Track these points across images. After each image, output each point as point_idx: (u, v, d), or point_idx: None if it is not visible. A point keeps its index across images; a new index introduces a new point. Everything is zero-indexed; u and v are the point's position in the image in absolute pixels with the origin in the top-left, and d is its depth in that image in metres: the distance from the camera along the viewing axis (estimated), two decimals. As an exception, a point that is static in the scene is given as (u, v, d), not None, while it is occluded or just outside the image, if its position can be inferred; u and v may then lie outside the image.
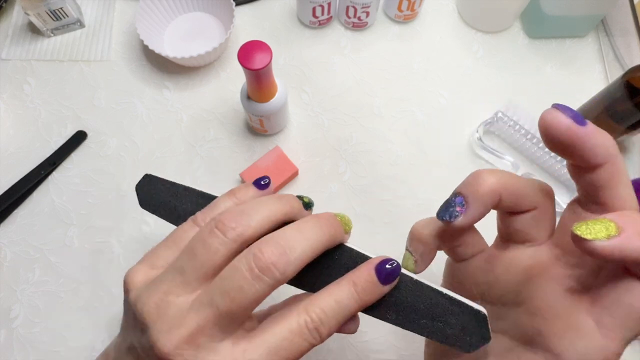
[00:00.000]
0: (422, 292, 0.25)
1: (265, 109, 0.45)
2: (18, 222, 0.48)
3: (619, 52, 0.54)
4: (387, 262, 0.24)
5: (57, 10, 0.52)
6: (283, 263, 0.22)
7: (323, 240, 0.24)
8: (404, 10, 0.55)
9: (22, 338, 0.44)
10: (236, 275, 0.22)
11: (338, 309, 0.23)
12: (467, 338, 0.24)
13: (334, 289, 0.24)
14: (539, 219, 0.23)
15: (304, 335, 0.23)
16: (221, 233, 0.23)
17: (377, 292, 0.24)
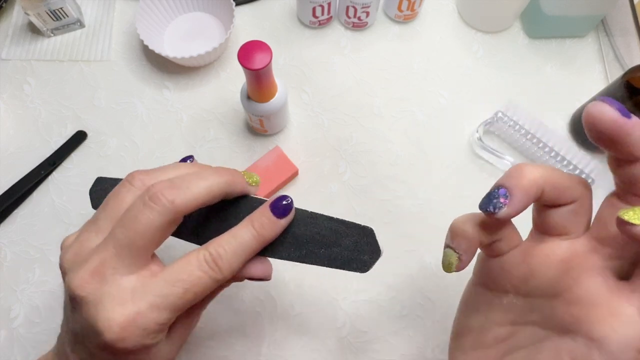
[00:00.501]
0: (317, 222, 0.27)
1: (265, 109, 0.45)
2: (18, 222, 0.48)
3: (619, 52, 0.54)
4: (282, 199, 0.27)
5: (57, 10, 0.52)
6: (173, 194, 0.24)
7: (219, 183, 0.26)
8: (404, 10, 0.55)
9: (22, 338, 0.44)
10: (132, 209, 0.25)
11: (236, 244, 0.26)
12: (362, 257, 0.26)
13: (233, 229, 0.27)
14: (577, 212, 0.24)
15: (202, 267, 0.25)
16: (154, 204, 0.25)
17: (274, 227, 0.27)
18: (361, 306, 0.46)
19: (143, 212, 0.24)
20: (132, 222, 0.24)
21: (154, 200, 0.24)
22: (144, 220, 0.24)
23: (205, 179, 0.26)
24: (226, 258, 0.25)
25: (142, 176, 0.26)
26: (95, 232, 0.26)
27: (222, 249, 0.25)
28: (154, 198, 0.24)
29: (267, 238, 0.27)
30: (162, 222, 0.25)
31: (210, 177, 0.26)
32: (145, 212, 0.24)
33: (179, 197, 0.25)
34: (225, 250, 0.25)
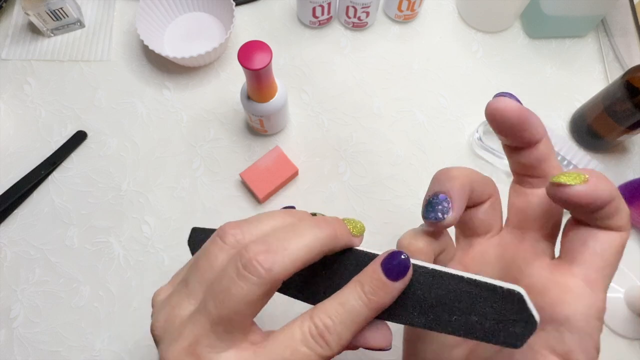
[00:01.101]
0: (443, 283, 0.22)
1: (265, 109, 0.45)
2: (18, 222, 0.48)
3: (619, 52, 0.54)
4: (394, 256, 0.22)
5: (57, 10, 0.52)
6: (270, 260, 0.21)
7: (321, 239, 0.23)
8: (404, 10, 0.55)
9: (22, 338, 0.44)
10: (224, 278, 0.21)
11: (344, 313, 0.22)
12: (510, 328, 0.20)
13: (340, 293, 0.23)
14: (494, 207, 0.26)
15: (308, 343, 0.21)
16: (249, 274, 0.21)
17: (388, 291, 0.22)
18: (361, 306, 0.46)
19: (237, 284, 0.21)
20: (226, 296, 0.21)
21: (249, 270, 0.21)
22: (238, 294, 0.21)
23: (303, 236, 0.22)
24: (335, 331, 0.22)
25: (234, 231, 0.23)
26: (187, 296, 0.23)
27: (329, 320, 0.22)
28: (248, 267, 0.21)
29: (381, 304, 0.22)
30: (259, 293, 0.21)
31: (310, 233, 0.23)
32: (239, 284, 0.21)
33: (276, 264, 0.21)
34: (333, 321, 0.22)
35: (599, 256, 0.22)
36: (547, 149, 0.23)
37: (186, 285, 0.23)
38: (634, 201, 0.48)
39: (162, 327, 0.23)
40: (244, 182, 0.48)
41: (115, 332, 0.44)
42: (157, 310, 0.24)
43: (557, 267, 0.22)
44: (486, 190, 0.25)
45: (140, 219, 0.48)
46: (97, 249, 0.47)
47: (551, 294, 0.21)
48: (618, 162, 0.52)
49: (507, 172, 0.51)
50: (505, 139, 0.24)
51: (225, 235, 0.23)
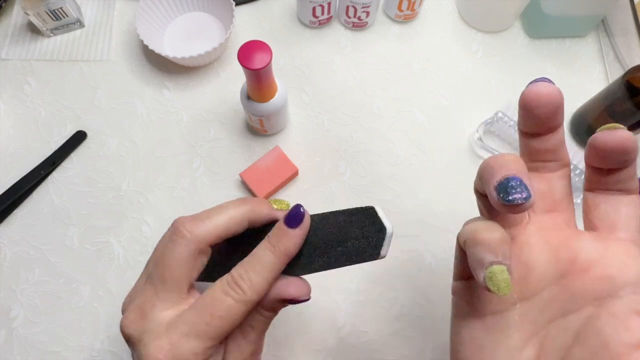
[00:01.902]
0: (328, 222, 0.27)
1: (265, 109, 0.45)
2: (18, 222, 0.48)
3: (619, 52, 0.54)
4: (294, 209, 0.27)
5: (56, 10, 0.52)
6: (192, 224, 0.26)
7: (241, 210, 0.27)
8: (404, 10, 0.55)
9: (22, 338, 0.44)
10: (160, 245, 0.27)
11: (255, 263, 0.26)
12: (371, 241, 0.25)
13: (253, 250, 0.27)
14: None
15: (225, 291, 0.25)
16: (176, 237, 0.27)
17: (289, 238, 0.26)
18: (361, 306, 0.46)
19: (168, 246, 0.26)
20: (161, 258, 0.26)
21: (176, 233, 0.26)
22: (169, 254, 0.26)
23: (226, 209, 0.27)
24: (248, 278, 0.25)
25: (183, 219, 0.27)
26: (145, 275, 0.28)
27: (243, 269, 0.26)
28: (176, 231, 0.26)
29: (287, 250, 0.26)
30: (186, 252, 0.26)
31: (232, 206, 0.27)
32: (169, 246, 0.26)
33: (198, 227, 0.26)
34: (246, 270, 0.26)
35: (633, 219, 0.23)
36: (563, 132, 0.24)
37: (145, 267, 0.28)
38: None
39: (124, 304, 0.28)
40: (244, 182, 0.48)
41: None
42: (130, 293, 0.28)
43: (602, 238, 0.23)
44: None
45: (140, 219, 0.48)
46: (97, 249, 0.47)
47: (612, 262, 0.22)
48: (618, 162, 0.52)
49: (507, 172, 0.51)
50: (535, 126, 0.24)
51: (175, 222, 0.27)
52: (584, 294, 0.22)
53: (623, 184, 0.23)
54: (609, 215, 0.23)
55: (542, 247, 0.24)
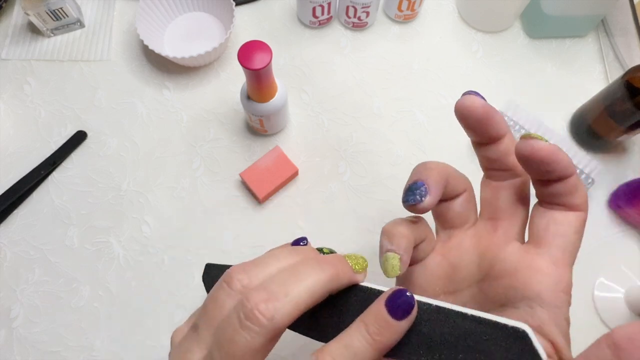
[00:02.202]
0: (448, 320, 0.21)
1: (265, 109, 0.45)
2: (18, 222, 0.48)
3: (619, 52, 0.54)
4: (398, 294, 0.22)
5: (57, 10, 0.52)
6: (271, 308, 0.21)
7: (322, 281, 0.22)
8: (404, 10, 0.55)
9: (22, 338, 0.44)
10: (228, 327, 0.21)
11: (349, 356, 0.21)
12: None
13: (344, 334, 0.22)
14: (469, 200, 0.28)
15: None
16: (252, 324, 0.21)
17: (393, 331, 0.21)
18: (361, 306, 0.45)
19: (240, 334, 0.21)
20: (231, 346, 0.21)
21: (251, 320, 0.21)
22: (242, 344, 0.21)
23: (305, 279, 0.22)
24: None
25: (240, 276, 0.23)
26: (197, 342, 0.23)
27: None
28: (250, 317, 0.21)
29: (386, 345, 0.22)
30: (262, 342, 0.21)
31: (312, 275, 0.22)
32: (242, 334, 0.21)
33: (277, 312, 0.21)
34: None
35: (560, 237, 0.24)
36: (512, 143, 0.26)
37: (196, 331, 0.23)
38: (634, 201, 0.47)
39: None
40: (244, 182, 0.48)
41: (115, 332, 0.44)
42: (172, 354, 0.24)
43: (526, 251, 0.25)
44: (461, 185, 0.28)
45: (140, 219, 0.48)
46: (97, 249, 0.47)
47: (522, 274, 0.24)
48: (618, 162, 0.52)
49: (507, 172, 0.51)
50: (473, 135, 0.26)
51: (231, 280, 0.23)
52: (493, 299, 0.25)
53: (561, 198, 0.24)
54: (538, 230, 0.25)
55: (471, 250, 0.27)
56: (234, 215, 0.48)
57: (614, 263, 0.47)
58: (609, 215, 0.50)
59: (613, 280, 0.47)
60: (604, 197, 0.50)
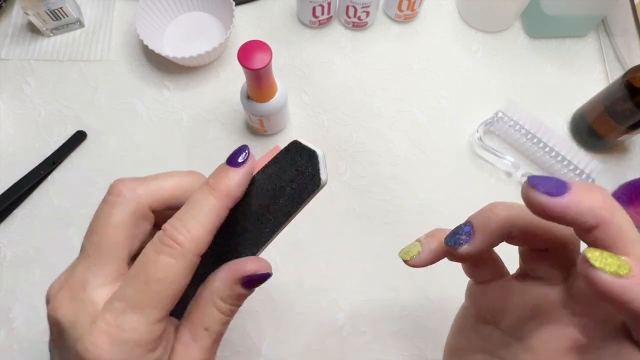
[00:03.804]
0: (260, 182, 0.25)
1: (265, 109, 0.45)
2: (18, 222, 0.48)
3: (619, 52, 0.54)
4: (238, 149, 0.25)
5: (56, 10, 0.52)
6: (133, 183, 0.23)
7: (189, 178, 0.25)
8: (404, 10, 0.55)
9: (22, 338, 0.44)
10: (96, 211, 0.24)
11: (192, 207, 0.22)
12: (307, 172, 0.24)
13: (190, 197, 0.23)
14: (554, 260, 0.22)
15: (158, 249, 0.21)
16: (111, 196, 0.23)
17: (233, 175, 0.23)
18: (361, 306, 0.46)
19: (103, 208, 0.22)
20: (95, 222, 0.22)
21: (113, 192, 0.22)
22: (104, 217, 0.22)
23: (173, 175, 0.24)
24: (183, 227, 0.21)
25: (122, 179, 0.24)
26: (79, 254, 0.24)
27: (177, 219, 0.22)
28: (112, 190, 0.22)
29: (229, 190, 0.23)
30: (124, 214, 0.22)
31: (180, 173, 0.24)
32: (104, 208, 0.22)
33: (139, 187, 0.23)
34: (180, 218, 0.21)
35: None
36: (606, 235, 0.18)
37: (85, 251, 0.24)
38: (634, 201, 0.47)
39: (53, 288, 0.25)
40: (244, 182, 0.48)
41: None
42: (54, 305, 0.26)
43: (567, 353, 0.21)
44: (539, 241, 0.22)
45: (140, 219, 0.48)
46: (97, 249, 0.47)
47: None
48: (618, 162, 0.52)
49: (507, 172, 0.51)
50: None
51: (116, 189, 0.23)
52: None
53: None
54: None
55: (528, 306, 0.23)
56: (234, 215, 0.48)
57: (614, 263, 0.47)
58: (609, 215, 0.50)
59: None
60: (604, 197, 0.50)
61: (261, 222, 0.24)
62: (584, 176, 0.48)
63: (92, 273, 0.22)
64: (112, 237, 0.22)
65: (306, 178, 0.24)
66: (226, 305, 0.23)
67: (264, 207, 0.24)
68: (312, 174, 0.24)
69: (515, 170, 0.50)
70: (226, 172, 0.23)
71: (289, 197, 0.24)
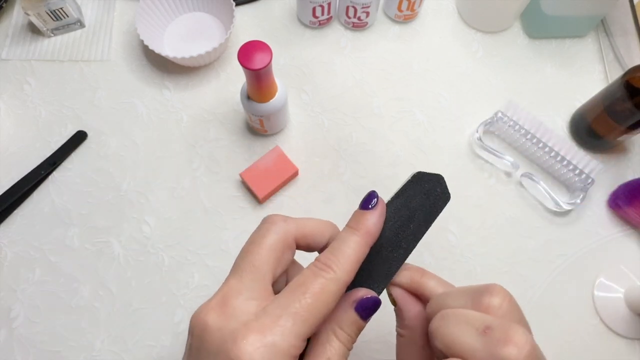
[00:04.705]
0: (391, 211, 0.29)
1: (265, 109, 0.45)
2: (18, 222, 0.48)
3: (619, 52, 0.54)
4: (367, 199, 0.29)
5: (57, 11, 0.52)
6: (283, 217, 0.27)
7: (328, 223, 0.30)
8: (404, 10, 0.55)
9: (22, 338, 0.44)
10: (248, 239, 0.27)
11: (340, 244, 0.26)
12: (435, 194, 0.28)
13: (336, 237, 0.27)
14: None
15: (315, 273, 0.24)
16: (267, 224, 0.27)
17: (369, 217, 0.27)
18: (361, 306, 0.46)
19: (257, 233, 0.26)
20: (250, 244, 0.26)
21: (267, 221, 0.27)
22: (259, 240, 0.26)
23: (315, 219, 0.29)
24: (336, 258, 0.25)
25: (274, 214, 0.28)
26: (230, 273, 0.27)
27: (329, 253, 0.25)
28: (267, 220, 0.27)
29: (369, 229, 0.27)
30: (276, 240, 0.26)
31: (319, 219, 0.29)
32: (259, 233, 0.26)
33: (287, 220, 0.27)
34: (332, 252, 0.25)
35: None
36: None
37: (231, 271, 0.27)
38: (634, 201, 0.48)
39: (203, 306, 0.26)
40: (244, 182, 0.48)
41: (115, 332, 0.44)
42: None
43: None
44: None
45: (140, 219, 0.48)
46: (97, 249, 0.47)
47: None
48: (618, 162, 0.52)
49: (506, 172, 0.51)
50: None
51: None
52: None
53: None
54: None
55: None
56: (234, 215, 0.48)
57: (613, 263, 0.47)
58: (609, 215, 0.50)
59: (613, 280, 0.47)
60: (603, 197, 0.50)
61: (393, 251, 0.28)
62: (583, 176, 0.48)
63: (244, 286, 0.25)
64: (265, 257, 0.25)
65: (436, 197, 0.28)
66: (344, 334, 0.25)
67: (395, 236, 0.28)
68: (442, 192, 0.28)
69: (515, 170, 0.50)
70: (363, 214, 0.27)
71: (419, 221, 0.28)
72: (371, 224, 0.27)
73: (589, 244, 0.49)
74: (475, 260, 0.48)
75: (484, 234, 0.49)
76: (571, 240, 0.49)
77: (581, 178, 0.48)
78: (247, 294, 0.24)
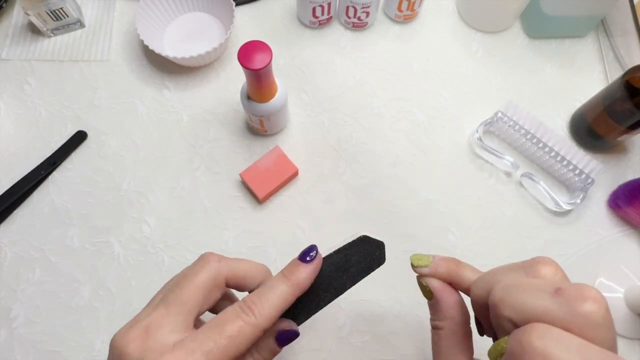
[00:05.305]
0: (329, 261, 0.30)
1: (265, 109, 0.45)
2: (18, 222, 0.48)
3: (618, 52, 0.54)
4: (307, 250, 0.29)
5: (57, 11, 0.52)
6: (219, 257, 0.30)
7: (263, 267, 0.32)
8: (404, 10, 0.55)
9: (22, 338, 0.44)
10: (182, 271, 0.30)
11: (268, 290, 0.27)
12: (373, 257, 0.31)
13: (267, 281, 0.28)
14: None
15: (237, 313, 0.26)
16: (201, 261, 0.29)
17: (303, 270, 0.28)
18: (361, 306, 0.46)
19: (191, 269, 0.28)
20: (182, 278, 0.27)
21: (203, 259, 0.28)
22: (192, 275, 0.27)
23: (251, 261, 0.31)
24: (260, 303, 0.26)
25: (211, 253, 0.30)
26: (157, 298, 0.28)
27: (256, 296, 0.27)
28: (202, 258, 0.29)
29: (299, 282, 0.28)
30: (207, 278, 0.27)
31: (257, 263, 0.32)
32: (193, 269, 0.28)
33: (223, 261, 0.29)
34: (258, 296, 0.27)
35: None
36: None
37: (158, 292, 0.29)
38: (634, 201, 0.48)
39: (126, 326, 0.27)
40: (244, 182, 0.48)
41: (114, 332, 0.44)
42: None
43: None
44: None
45: (140, 219, 0.48)
46: (97, 249, 0.47)
47: None
48: (618, 162, 0.52)
49: (506, 172, 0.51)
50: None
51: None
52: None
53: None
54: None
55: None
56: (234, 215, 0.48)
57: (613, 263, 0.47)
58: (609, 215, 0.50)
59: (613, 280, 0.47)
60: (603, 197, 0.50)
61: (324, 292, 0.30)
62: (583, 176, 0.48)
63: (167, 320, 0.26)
64: (194, 293, 0.27)
65: (372, 260, 0.31)
66: (260, 358, 0.28)
67: (328, 280, 0.30)
68: (379, 257, 0.31)
69: (515, 170, 0.50)
70: (298, 267, 0.28)
71: (352, 274, 0.30)
72: (303, 277, 0.28)
73: (589, 244, 0.49)
74: (475, 260, 0.48)
75: (484, 234, 0.49)
76: (571, 240, 0.49)
77: (581, 178, 0.48)
78: (170, 327, 0.25)
